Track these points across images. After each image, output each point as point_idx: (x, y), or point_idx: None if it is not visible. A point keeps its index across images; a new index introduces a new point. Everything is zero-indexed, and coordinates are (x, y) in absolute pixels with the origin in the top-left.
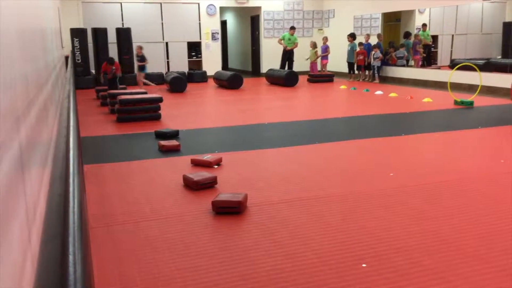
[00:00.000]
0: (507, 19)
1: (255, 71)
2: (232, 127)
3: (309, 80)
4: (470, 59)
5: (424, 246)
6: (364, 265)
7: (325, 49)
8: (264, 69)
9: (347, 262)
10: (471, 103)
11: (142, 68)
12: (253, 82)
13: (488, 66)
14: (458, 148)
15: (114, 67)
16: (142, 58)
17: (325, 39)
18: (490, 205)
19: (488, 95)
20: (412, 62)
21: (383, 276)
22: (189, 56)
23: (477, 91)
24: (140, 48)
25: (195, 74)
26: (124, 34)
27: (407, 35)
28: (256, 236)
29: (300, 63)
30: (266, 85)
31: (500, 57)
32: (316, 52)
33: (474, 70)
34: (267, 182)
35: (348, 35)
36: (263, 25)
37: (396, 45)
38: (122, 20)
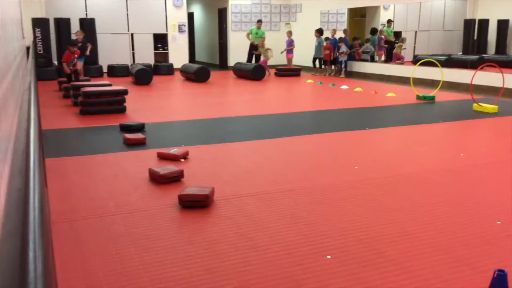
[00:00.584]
0: (468, 17)
1: (223, 64)
2: (199, 121)
3: (276, 74)
4: (433, 55)
5: (387, 237)
6: (329, 256)
7: (290, 43)
8: (231, 62)
9: (313, 254)
10: (433, 98)
11: (81, 57)
12: (221, 75)
13: (450, 62)
14: (420, 142)
15: (76, 55)
16: (83, 44)
17: (289, 33)
18: (450, 197)
19: (449, 90)
20: (377, 58)
21: (347, 267)
22: (155, 48)
23: (439, 86)
24: (81, 33)
25: (161, 67)
26: (88, 25)
27: (374, 31)
28: (222, 230)
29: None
30: (233, 78)
31: (461, 53)
32: (267, 50)
33: (436, 66)
34: (234, 176)
35: (316, 31)
36: (230, 18)
37: (361, 41)
38: (86, 10)
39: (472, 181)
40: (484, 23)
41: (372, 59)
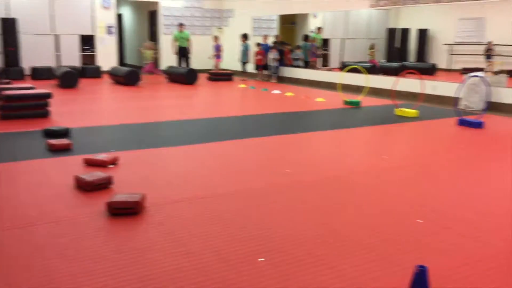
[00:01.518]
0: (391, 26)
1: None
2: (128, 125)
3: (209, 79)
4: (359, 62)
5: (318, 238)
6: (261, 259)
7: (218, 48)
8: (163, 65)
9: (246, 258)
10: (358, 103)
11: None
12: (152, 79)
13: (374, 69)
14: (347, 145)
15: None
16: None
17: (216, 38)
18: (376, 198)
19: (373, 96)
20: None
21: (279, 268)
22: (82, 50)
23: (364, 92)
24: None
25: (88, 69)
26: (9, 25)
27: (306, 37)
28: (154, 237)
29: (199, 61)
30: (165, 82)
31: (384, 60)
32: (152, 53)
33: (361, 72)
34: (165, 181)
35: (241, 36)
36: (161, 21)
37: (292, 47)
38: (8, 10)
39: (395, 182)
40: (405, 32)
41: (307, 65)
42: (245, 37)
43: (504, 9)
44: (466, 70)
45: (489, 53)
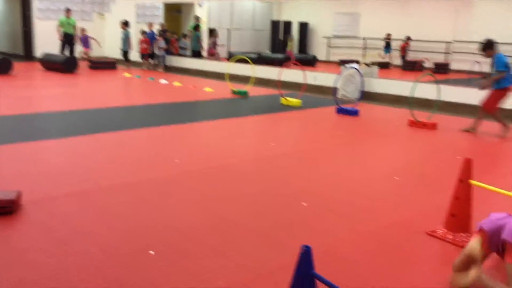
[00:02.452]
0: (274, 18)
1: (28, 55)
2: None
3: (91, 67)
4: (245, 53)
5: (208, 226)
6: (151, 252)
7: (85, 39)
8: (38, 52)
9: (136, 252)
10: (246, 93)
11: None
12: (26, 67)
13: (260, 60)
14: (236, 134)
15: None
16: None
17: (83, 30)
18: (264, 185)
19: (260, 86)
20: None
21: (170, 260)
22: None
23: (251, 82)
24: None
25: None
26: None
27: (196, 27)
28: (33, 236)
29: (79, 49)
30: (41, 70)
31: (269, 51)
32: None
33: (248, 62)
34: (45, 176)
35: (121, 23)
36: (35, 4)
37: (179, 36)
38: None
39: (282, 168)
40: (288, 25)
41: (197, 55)
42: (125, 24)
43: (376, 6)
44: (342, 62)
45: (387, 46)
